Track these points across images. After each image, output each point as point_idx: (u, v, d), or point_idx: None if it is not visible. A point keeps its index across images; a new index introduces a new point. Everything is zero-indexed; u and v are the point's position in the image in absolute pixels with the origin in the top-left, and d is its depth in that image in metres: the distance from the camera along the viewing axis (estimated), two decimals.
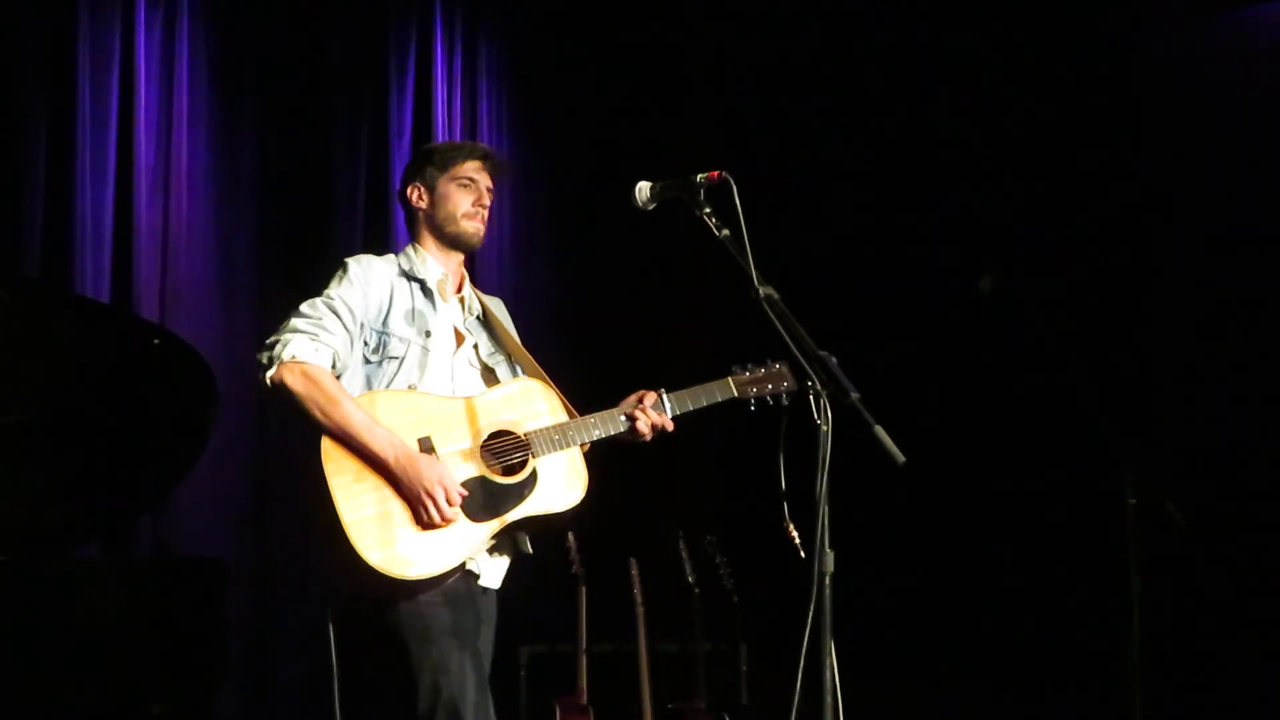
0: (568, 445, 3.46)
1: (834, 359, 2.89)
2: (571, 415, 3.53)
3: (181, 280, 5.31)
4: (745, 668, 5.56)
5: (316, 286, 5.46)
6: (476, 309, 3.69)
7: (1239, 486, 5.34)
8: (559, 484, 3.43)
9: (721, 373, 3.64)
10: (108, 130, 5.16)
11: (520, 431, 3.44)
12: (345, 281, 3.50)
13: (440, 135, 5.88)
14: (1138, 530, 4.45)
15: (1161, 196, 5.68)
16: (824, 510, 2.74)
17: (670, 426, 3.56)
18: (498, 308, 3.77)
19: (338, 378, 3.37)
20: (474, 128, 6.02)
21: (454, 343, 3.58)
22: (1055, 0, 5.84)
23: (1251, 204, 5.50)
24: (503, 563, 3.50)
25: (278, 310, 3.31)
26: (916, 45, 6.08)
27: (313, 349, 3.34)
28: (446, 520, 3.26)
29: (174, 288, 5.28)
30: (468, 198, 3.62)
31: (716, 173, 3.12)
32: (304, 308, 3.44)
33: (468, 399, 3.45)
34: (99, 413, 4.16)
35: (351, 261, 3.56)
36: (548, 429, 3.46)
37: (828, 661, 2.72)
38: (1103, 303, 5.65)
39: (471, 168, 3.65)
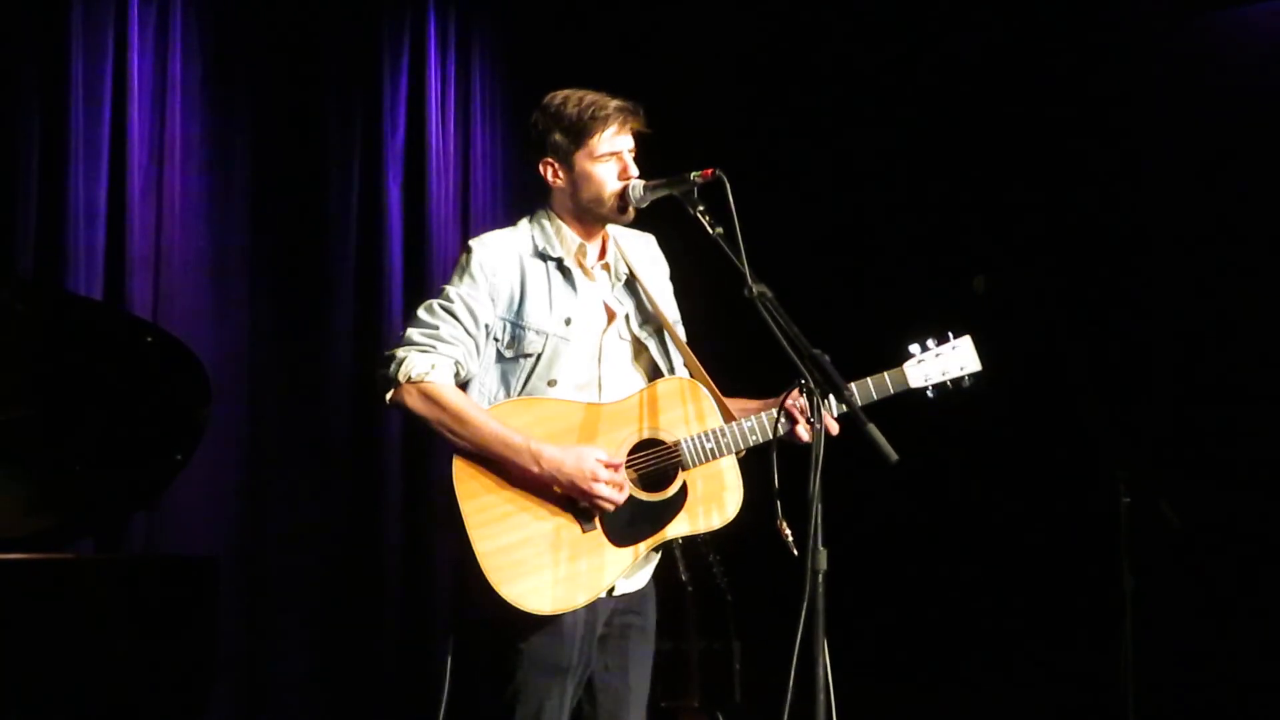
0: (721, 454, 3.13)
1: (827, 357, 2.89)
2: (725, 411, 3.19)
3: (175, 266, 5.29)
4: (738, 666, 5.54)
5: (312, 278, 5.53)
6: (623, 271, 3.29)
7: (1234, 486, 5.34)
8: (711, 499, 3.13)
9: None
10: (101, 115, 5.14)
11: (669, 439, 3.13)
12: (466, 276, 3.13)
13: (434, 130, 5.85)
14: (1132, 529, 4.45)
15: (1156, 196, 5.67)
16: (817, 508, 2.73)
17: (835, 429, 3.08)
18: (646, 251, 3.37)
19: (464, 386, 3.11)
20: (468, 123, 5.99)
21: (604, 320, 3.22)
22: None
23: (1245, 204, 5.49)
24: (646, 571, 3.27)
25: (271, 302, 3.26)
26: (912, 42, 6.07)
27: (428, 364, 3.05)
28: (616, 503, 3.04)
29: (167, 273, 5.26)
30: (613, 172, 3.19)
31: (710, 170, 3.10)
32: (421, 313, 3.13)
33: (609, 405, 3.14)
34: (91, 411, 4.15)
35: (476, 246, 3.18)
36: (698, 435, 3.12)
37: (821, 660, 2.72)
38: (1097, 302, 5.65)
39: (610, 136, 3.20)
